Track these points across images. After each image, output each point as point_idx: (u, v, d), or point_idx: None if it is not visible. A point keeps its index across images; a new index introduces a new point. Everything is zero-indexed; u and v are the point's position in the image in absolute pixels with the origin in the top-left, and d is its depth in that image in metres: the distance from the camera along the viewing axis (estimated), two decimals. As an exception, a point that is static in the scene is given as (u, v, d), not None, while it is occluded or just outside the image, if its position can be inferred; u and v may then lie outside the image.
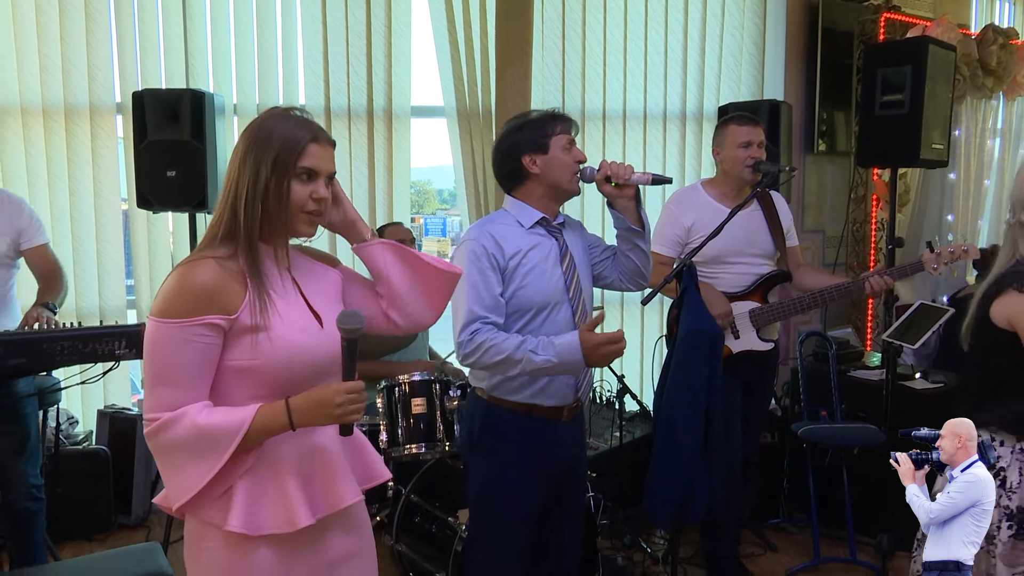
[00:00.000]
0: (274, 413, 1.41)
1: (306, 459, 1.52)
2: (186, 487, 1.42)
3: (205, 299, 1.40)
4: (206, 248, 1.48)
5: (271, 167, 1.45)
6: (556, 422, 2.21)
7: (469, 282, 2.08)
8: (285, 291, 1.52)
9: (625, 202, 2.23)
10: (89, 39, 3.80)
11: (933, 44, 3.54)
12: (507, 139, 2.19)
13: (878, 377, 3.69)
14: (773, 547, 3.59)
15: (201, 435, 1.39)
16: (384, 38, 4.05)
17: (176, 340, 1.39)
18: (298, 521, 1.45)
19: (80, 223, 3.89)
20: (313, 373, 1.49)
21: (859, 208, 4.84)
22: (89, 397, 4.00)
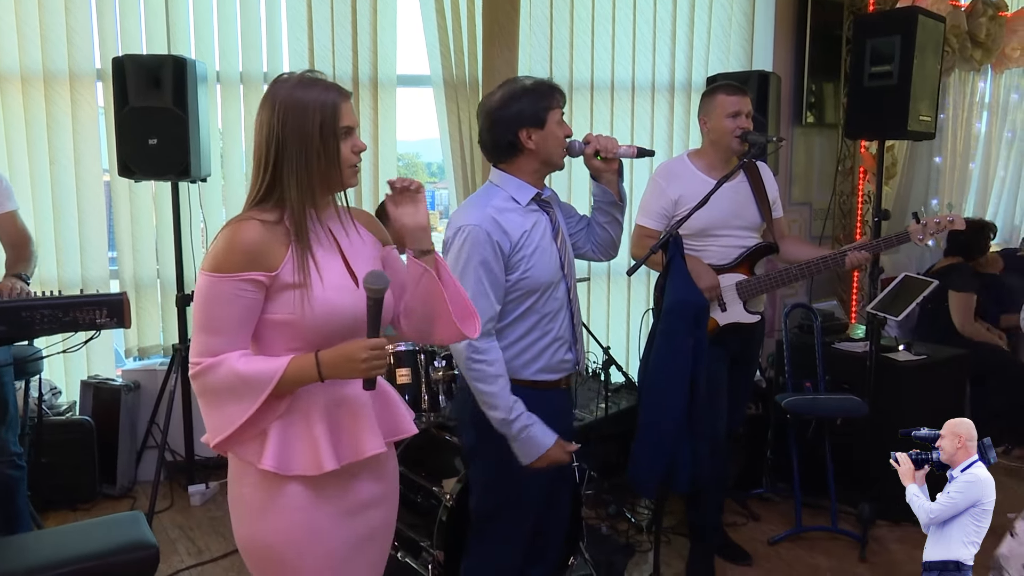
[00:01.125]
0: (305, 365, 1.53)
1: (335, 409, 1.62)
2: (223, 425, 1.55)
3: (250, 257, 1.52)
4: (253, 209, 1.58)
5: (319, 131, 1.56)
6: (559, 391, 2.25)
7: (476, 277, 2.03)
8: (325, 250, 1.62)
9: (610, 176, 2.23)
10: (68, 4, 3.73)
11: (922, 15, 3.51)
12: (503, 110, 2.10)
13: (862, 349, 3.71)
14: (756, 516, 3.63)
15: (239, 380, 1.52)
16: (369, 5, 3.99)
17: (222, 293, 1.52)
18: (324, 465, 1.57)
19: (61, 192, 3.84)
20: (346, 329, 1.58)
21: (846, 180, 4.84)
22: (72, 367, 3.98)
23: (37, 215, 3.82)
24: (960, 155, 5.31)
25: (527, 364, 2.17)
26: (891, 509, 3.42)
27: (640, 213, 3.02)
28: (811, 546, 3.38)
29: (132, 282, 3.99)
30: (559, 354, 2.21)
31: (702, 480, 2.61)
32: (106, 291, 3.82)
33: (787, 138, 4.72)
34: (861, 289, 4.76)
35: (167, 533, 3.44)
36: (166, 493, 3.74)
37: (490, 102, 2.14)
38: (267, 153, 1.57)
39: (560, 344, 2.20)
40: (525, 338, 2.15)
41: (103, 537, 2.29)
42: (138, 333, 4.05)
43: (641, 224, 3.00)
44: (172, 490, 3.80)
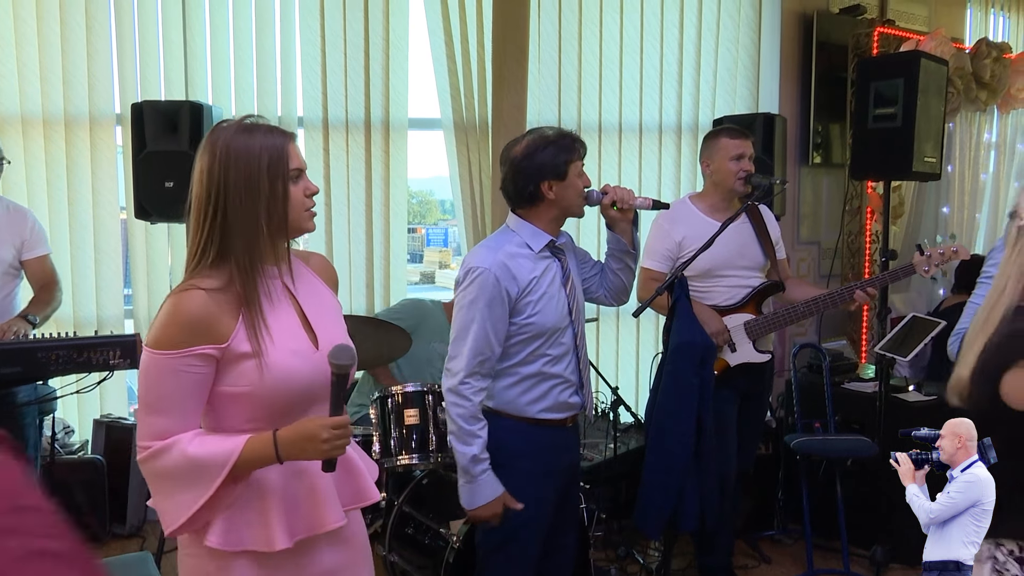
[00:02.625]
0: (262, 446, 1.44)
1: (292, 482, 1.52)
2: (176, 513, 1.45)
3: (195, 330, 1.42)
4: (196, 276, 1.48)
5: (266, 174, 1.46)
6: (563, 429, 2.28)
7: (480, 318, 2.08)
8: (280, 310, 1.52)
9: (624, 225, 2.29)
10: (89, 50, 3.84)
11: (925, 58, 3.57)
12: (527, 160, 2.14)
13: (872, 389, 3.70)
14: (767, 559, 3.59)
15: (191, 465, 1.42)
16: (382, 50, 4.08)
17: (168, 370, 1.42)
18: (275, 543, 1.47)
19: (78, 232, 3.92)
20: (306, 397, 1.50)
21: (854, 220, 4.86)
22: (85, 406, 4.01)
23: (55, 254, 3.84)
24: (967, 207, 5.32)
25: (532, 403, 2.21)
26: (904, 552, 3.39)
27: (645, 256, 3.04)
28: (823, 589, 3.34)
29: (147, 322, 4.04)
30: (564, 396, 2.24)
31: (710, 520, 2.60)
32: (120, 330, 3.89)
33: (794, 178, 4.76)
34: (871, 329, 4.75)
35: (175, 574, 3.43)
36: (175, 532, 3.74)
37: (514, 152, 2.17)
38: (208, 204, 1.45)
39: (566, 386, 2.23)
40: (531, 379, 2.19)
41: (112, 577, 2.30)
42: (151, 372, 4.08)
43: (646, 267, 3.02)
44: (181, 529, 3.79)
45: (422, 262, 15.46)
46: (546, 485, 2.24)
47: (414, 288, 6.19)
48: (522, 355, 2.17)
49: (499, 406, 2.22)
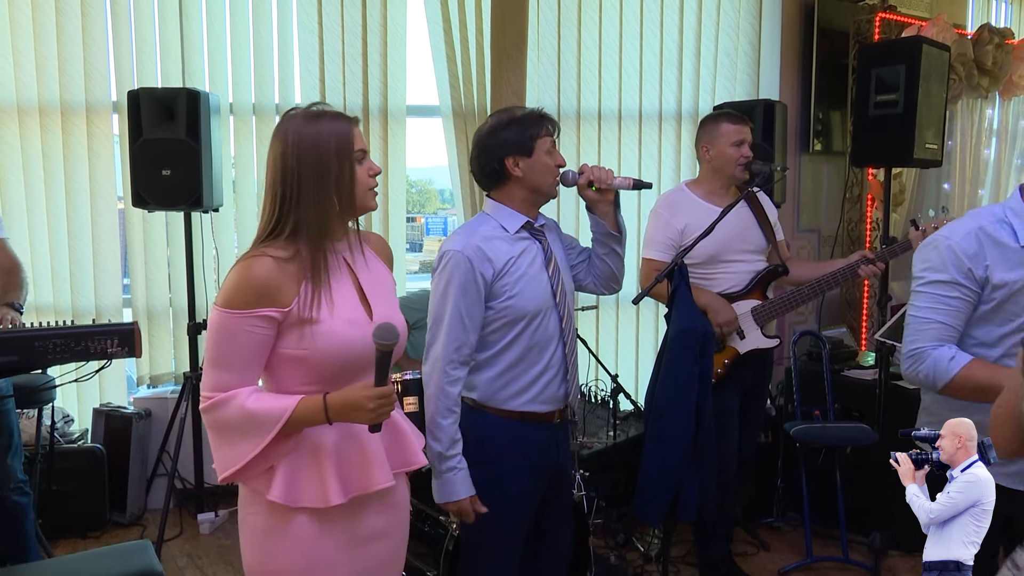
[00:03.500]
0: (313, 407, 1.55)
1: (344, 443, 1.63)
2: (231, 460, 1.57)
3: (262, 293, 1.54)
4: (265, 245, 1.59)
5: (335, 158, 1.59)
6: (548, 425, 2.21)
7: (454, 303, 2.05)
8: (340, 283, 1.64)
9: (605, 207, 2.22)
10: (85, 38, 3.82)
11: (927, 44, 3.54)
12: (491, 138, 2.12)
13: (872, 377, 3.69)
14: (766, 546, 3.60)
15: (248, 418, 1.54)
16: (380, 37, 4.06)
17: (233, 329, 1.54)
18: (331, 499, 1.59)
19: (76, 222, 3.91)
20: (359, 364, 1.60)
21: (854, 208, 4.84)
22: (85, 395, 4.02)
23: (52, 244, 3.88)
24: (969, 181, 5.30)
25: (516, 395, 2.14)
26: (903, 539, 3.39)
27: (646, 247, 3.02)
28: (822, 577, 3.35)
29: (144, 310, 4.04)
30: (551, 386, 2.17)
31: (709, 510, 2.60)
32: (119, 319, 3.89)
33: (794, 166, 4.74)
34: (871, 316, 4.74)
35: (175, 561, 3.45)
36: (175, 521, 3.75)
37: (480, 131, 2.16)
38: (283, 188, 1.58)
39: (551, 375, 2.16)
40: (513, 368, 2.12)
41: (110, 566, 2.30)
42: (150, 361, 4.09)
43: (649, 258, 3.00)
44: (181, 518, 3.81)
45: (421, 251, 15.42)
46: (530, 484, 2.18)
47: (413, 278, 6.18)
48: (503, 341, 2.10)
49: (483, 399, 2.15)
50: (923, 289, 1.94)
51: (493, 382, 2.12)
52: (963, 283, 1.87)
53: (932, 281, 1.91)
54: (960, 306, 1.89)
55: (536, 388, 2.15)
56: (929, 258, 1.93)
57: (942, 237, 1.92)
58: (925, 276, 1.93)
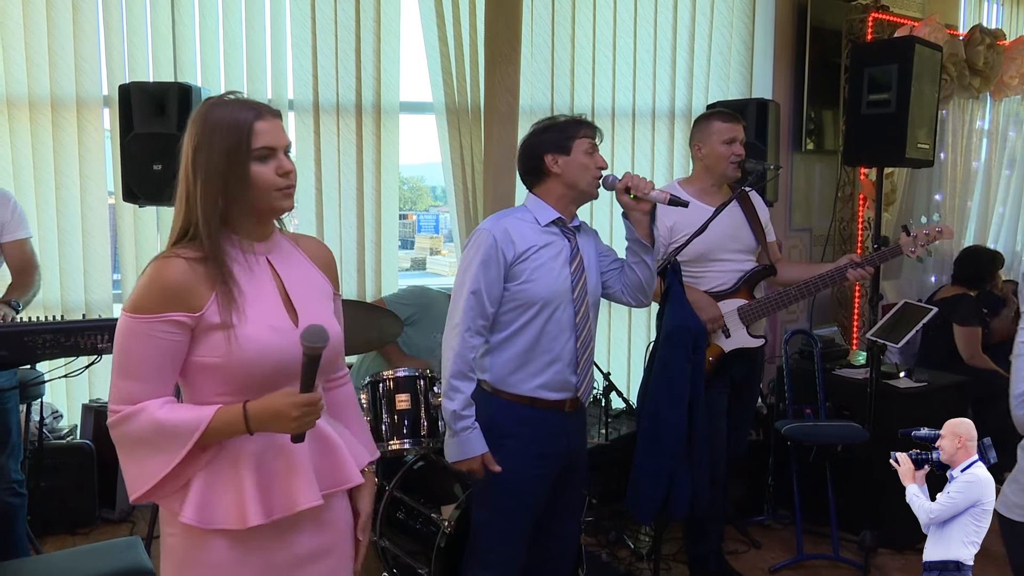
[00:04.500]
0: (232, 417, 1.43)
1: (267, 457, 1.51)
2: (143, 479, 1.45)
3: (172, 296, 1.43)
4: (178, 247, 1.48)
5: (225, 156, 1.45)
6: (560, 412, 2.28)
7: (474, 275, 2.17)
8: (259, 285, 1.52)
9: (639, 215, 2.29)
10: (76, 31, 3.78)
11: (919, 44, 3.55)
12: (532, 138, 2.29)
13: (863, 375, 3.71)
14: (757, 544, 3.61)
15: (160, 431, 1.42)
16: (373, 33, 4.04)
17: (141, 335, 1.43)
18: (249, 519, 1.46)
19: (66, 216, 3.88)
20: (280, 372, 1.48)
21: (846, 207, 4.86)
22: (74, 391, 3.99)
23: (42, 239, 3.84)
24: (959, 194, 5.33)
25: (526, 379, 2.23)
26: (893, 537, 3.41)
27: None
28: (812, 574, 3.36)
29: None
30: (561, 375, 2.25)
31: (700, 507, 2.61)
32: (109, 315, 3.85)
33: (787, 164, 4.75)
34: (862, 315, 4.76)
35: (165, 558, 3.43)
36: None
37: (525, 136, 2.33)
38: (184, 183, 1.47)
39: (562, 365, 2.25)
40: (525, 353, 2.23)
41: (99, 563, 2.29)
42: (140, 357, 4.05)
43: None
44: (171, 514, 3.78)
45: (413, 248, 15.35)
46: (539, 468, 2.25)
47: (405, 275, 6.16)
48: (516, 324, 2.21)
49: (494, 381, 2.25)
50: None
51: (505, 365, 2.23)
52: None
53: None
54: None
55: (546, 375, 2.24)
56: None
57: None
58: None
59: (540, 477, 2.27)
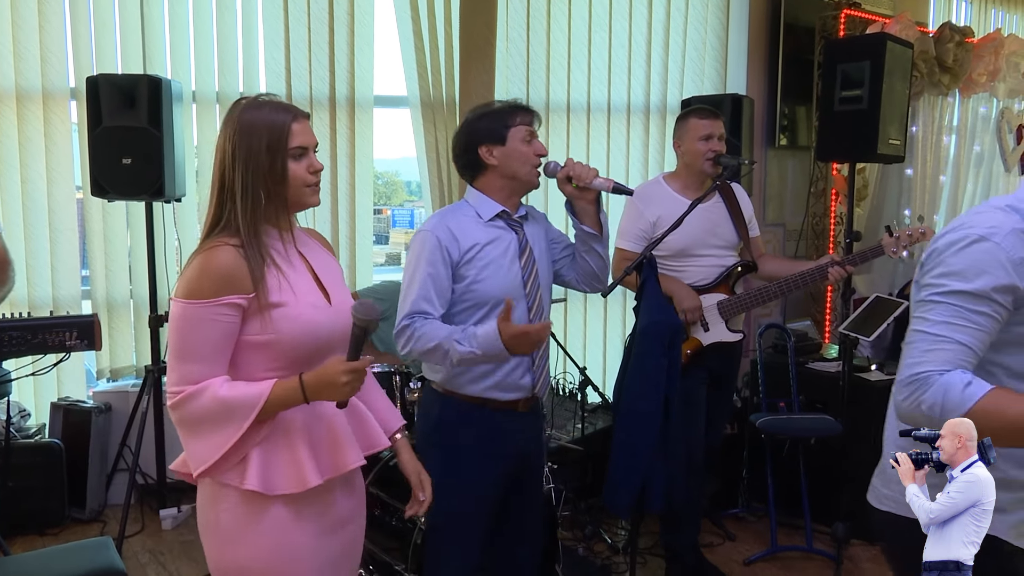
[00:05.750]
0: (289, 388, 1.54)
1: (314, 425, 1.64)
2: (207, 454, 1.54)
3: (226, 281, 1.54)
4: (219, 236, 1.59)
5: (265, 151, 1.57)
6: (512, 412, 2.21)
7: (418, 274, 2.09)
8: (297, 270, 1.65)
9: (584, 205, 2.20)
10: (42, 21, 3.71)
11: (891, 40, 3.59)
12: (465, 129, 2.18)
13: (835, 369, 3.75)
14: (732, 536, 3.64)
15: (223, 407, 1.52)
16: (347, 26, 4.01)
17: (200, 319, 1.53)
18: (308, 481, 1.58)
19: (32, 211, 3.80)
20: (323, 347, 1.61)
21: (819, 202, 4.91)
22: (42, 389, 3.92)
23: (8, 234, 3.76)
24: (931, 168, 5.39)
25: (476, 380, 2.15)
26: (866, 528, 3.44)
27: (619, 236, 3.04)
28: (786, 566, 3.39)
29: (104, 303, 3.94)
30: (514, 374, 2.17)
31: (677, 501, 2.62)
32: (78, 311, 3.79)
33: (760, 160, 4.79)
34: (834, 309, 4.81)
35: (137, 558, 3.38)
36: (137, 517, 3.68)
37: (459, 126, 2.23)
38: (221, 179, 1.59)
39: (514, 364, 2.16)
40: None
41: (70, 564, 2.25)
42: (110, 354, 4.00)
43: (621, 247, 3.02)
44: (143, 514, 3.74)
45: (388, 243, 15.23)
46: (492, 469, 2.18)
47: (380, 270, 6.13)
48: (467, 325, 2.11)
49: (445, 382, 2.18)
50: (940, 299, 1.49)
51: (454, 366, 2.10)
52: (996, 298, 1.44)
53: (955, 291, 1.46)
54: (988, 325, 1.46)
55: (498, 375, 2.16)
56: (953, 263, 1.48)
57: (973, 235, 1.47)
58: (945, 284, 1.49)
59: (494, 478, 2.20)
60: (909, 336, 1.55)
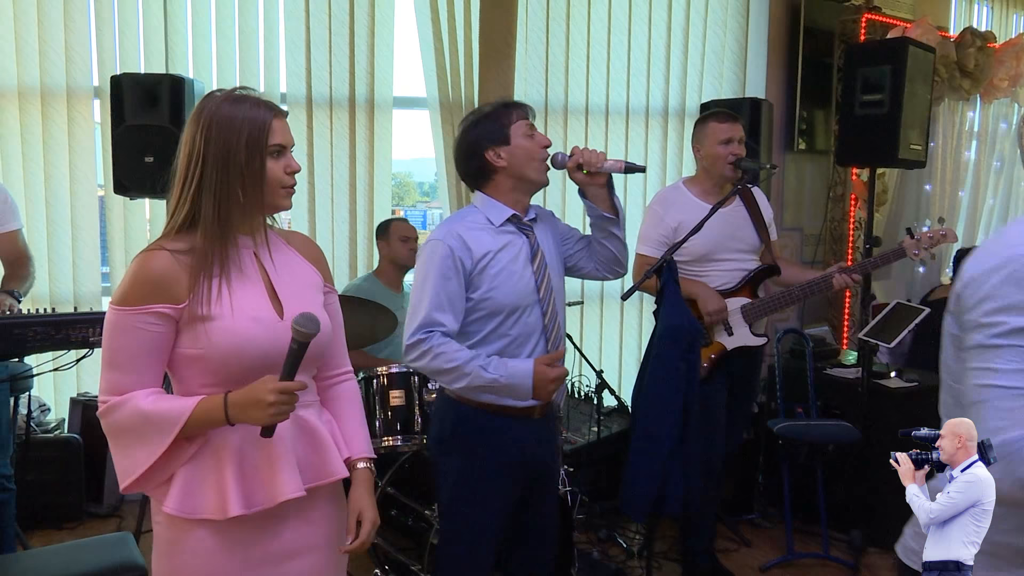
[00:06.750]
0: (213, 407, 1.44)
1: (249, 450, 1.51)
2: (131, 468, 1.47)
3: (155, 289, 1.45)
4: (164, 239, 1.50)
5: (244, 150, 1.47)
6: (527, 419, 2.17)
7: (431, 284, 2.04)
8: (245, 278, 1.53)
9: (596, 190, 2.18)
10: (67, 21, 3.75)
11: (913, 45, 3.57)
12: (466, 136, 2.13)
13: (854, 375, 3.72)
14: (747, 542, 3.62)
15: (144, 421, 1.44)
16: (367, 27, 4.02)
17: (125, 327, 1.45)
18: (230, 509, 1.47)
19: (55, 208, 3.84)
20: (259, 364, 1.48)
21: (837, 207, 4.88)
22: (62, 384, 3.95)
23: (31, 230, 3.80)
24: (950, 183, 5.36)
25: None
26: (883, 536, 3.43)
27: (640, 242, 3.03)
28: (802, 573, 3.37)
29: (118, 299, 3.97)
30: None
31: (693, 505, 2.61)
32: (98, 308, 3.81)
33: (779, 164, 4.76)
34: (852, 315, 4.78)
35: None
36: (154, 512, 3.70)
37: (457, 136, 2.17)
38: (187, 171, 1.48)
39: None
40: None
41: (92, 558, 2.27)
42: (129, 350, 4.02)
43: (641, 253, 3.01)
44: (160, 510, 3.75)
45: (400, 244, 14.98)
46: (507, 478, 2.16)
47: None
48: (482, 334, 2.09)
49: (459, 391, 2.11)
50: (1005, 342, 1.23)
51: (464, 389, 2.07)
52: None
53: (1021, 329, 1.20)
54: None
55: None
56: (1007, 295, 1.23)
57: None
58: (1005, 322, 1.23)
59: (508, 486, 2.17)
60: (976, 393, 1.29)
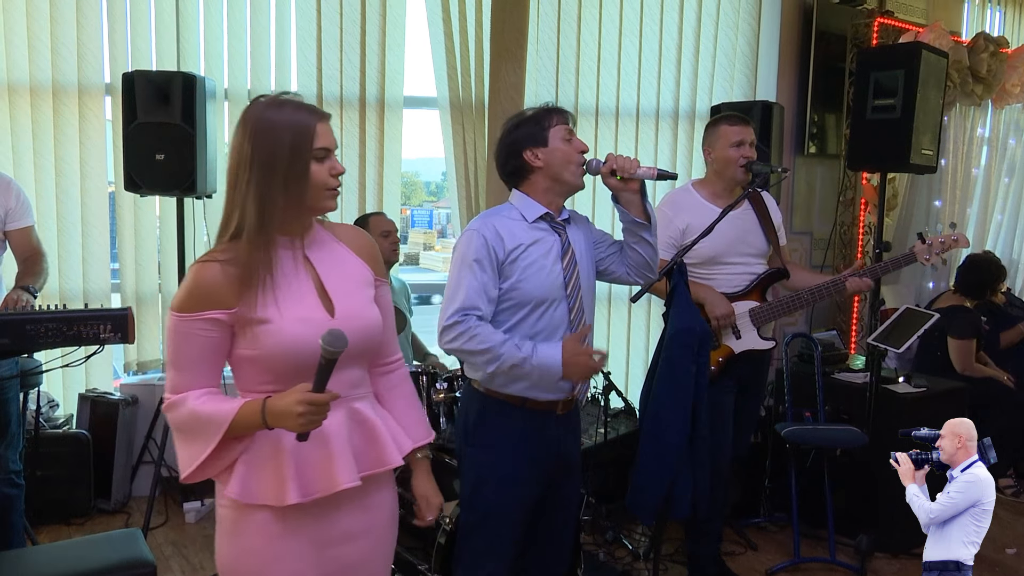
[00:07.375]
0: (252, 412, 1.52)
1: (306, 443, 1.57)
2: (188, 460, 1.56)
3: (206, 297, 1.53)
4: (215, 250, 1.58)
5: (288, 154, 1.53)
6: (551, 414, 2.22)
7: (467, 271, 2.11)
8: (294, 280, 1.59)
9: (630, 196, 2.23)
10: (79, 18, 3.76)
11: (926, 50, 3.56)
12: (507, 137, 2.21)
13: (862, 380, 3.71)
14: (754, 545, 3.61)
15: (196, 420, 1.54)
16: (378, 27, 4.03)
17: (183, 332, 1.55)
18: (287, 498, 1.55)
19: (66, 204, 3.85)
20: (315, 362, 1.51)
21: (847, 211, 4.87)
22: (70, 380, 3.97)
23: (41, 226, 3.81)
24: (959, 201, 5.34)
25: (516, 379, 2.15)
26: (889, 541, 3.42)
27: None
28: (809, 577, 3.37)
29: (133, 296, 3.99)
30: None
31: (702, 508, 2.60)
32: (107, 304, 3.83)
33: (789, 168, 4.75)
34: (861, 320, 4.77)
35: (161, 550, 3.41)
36: (161, 509, 3.71)
37: (499, 136, 2.26)
38: (235, 177, 1.54)
39: None
40: None
41: (100, 554, 2.28)
42: (137, 347, 4.04)
43: None
44: (167, 506, 3.77)
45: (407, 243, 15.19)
46: (529, 471, 2.19)
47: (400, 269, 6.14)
48: (508, 324, 2.14)
49: (485, 381, 2.19)
50: None
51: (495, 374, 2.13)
52: None
53: None
54: None
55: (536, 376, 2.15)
56: None
57: None
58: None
59: (531, 479, 2.21)
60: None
